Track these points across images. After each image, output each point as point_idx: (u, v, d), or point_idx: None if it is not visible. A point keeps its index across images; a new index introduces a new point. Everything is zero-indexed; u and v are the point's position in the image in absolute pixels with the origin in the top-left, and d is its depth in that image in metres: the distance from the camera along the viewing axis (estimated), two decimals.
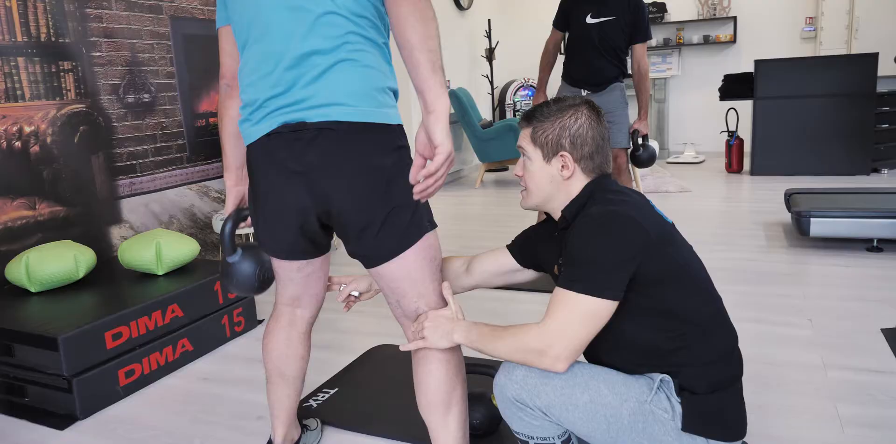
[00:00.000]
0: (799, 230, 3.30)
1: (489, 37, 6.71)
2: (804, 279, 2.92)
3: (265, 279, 1.48)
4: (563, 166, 1.23)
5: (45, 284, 2.27)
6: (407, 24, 1.10)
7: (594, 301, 1.10)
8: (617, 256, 1.11)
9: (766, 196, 4.76)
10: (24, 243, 2.44)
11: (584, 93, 3.25)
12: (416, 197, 1.14)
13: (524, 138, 1.26)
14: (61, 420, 1.94)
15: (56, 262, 2.27)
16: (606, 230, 1.13)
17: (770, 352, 2.17)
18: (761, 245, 3.49)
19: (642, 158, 3.28)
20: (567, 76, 3.33)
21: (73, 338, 1.94)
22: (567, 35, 3.33)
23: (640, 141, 3.25)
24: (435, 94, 1.10)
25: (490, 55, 6.70)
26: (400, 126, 1.26)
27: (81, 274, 2.35)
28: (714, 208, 4.50)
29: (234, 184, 1.47)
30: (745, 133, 6.15)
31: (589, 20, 3.15)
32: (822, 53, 6.23)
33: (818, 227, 3.24)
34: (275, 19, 1.18)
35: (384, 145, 1.21)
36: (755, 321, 2.44)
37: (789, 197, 3.66)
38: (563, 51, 3.58)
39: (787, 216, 4.00)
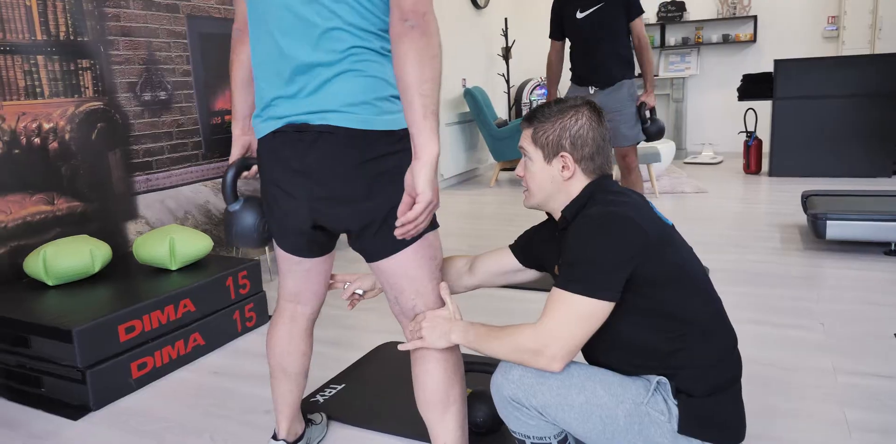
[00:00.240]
0: (815, 233, 3.27)
1: (506, 35, 6.70)
2: (818, 283, 2.89)
3: (267, 232, 1.43)
4: (563, 167, 1.24)
5: (62, 277, 2.32)
6: (405, 63, 1.09)
7: (590, 302, 1.10)
8: (615, 256, 1.11)
9: (784, 198, 4.70)
10: (43, 238, 2.49)
11: (591, 90, 3.23)
12: (397, 236, 1.17)
13: (525, 139, 1.27)
14: (75, 411, 1.99)
15: (72, 256, 2.32)
16: (605, 231, 1.13)
17: (779, 355, 2.15)
18: (776, 247, 3.45)
19: (651, 131, 3.24)
20: (574, 77, 3.33)
21: (87, 331, 1.98)
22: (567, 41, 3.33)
23: (647, 114, 3.22)
24: (425, 139, 1.11)
25: (506, 54, 6.69)
26: (404, 129, 1.27)
27: (97, 268, 2.40)
28: (730, 210, 4.46)
29: (241, 133, 1.47)
30: (764, 134, 6.08)
31: (578, 15, 3.14)
32: (845, 53, 6.14)
33: (834, 230, 3.20)
34: (282, 23, 1.19)
35: (384, 149, 1.22)
36: (766, 324, 2.42)
37: (806, 199, 3.62)
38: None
39: (803, 218, 3.96)
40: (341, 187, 1.22)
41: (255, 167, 1.44)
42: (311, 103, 1.20)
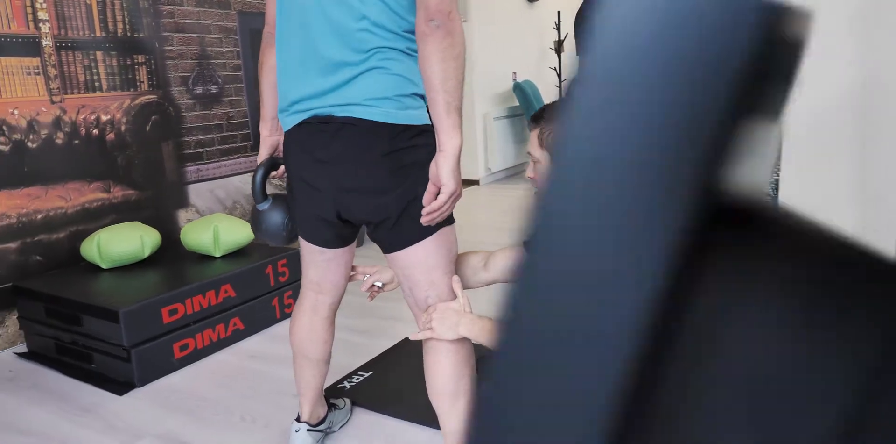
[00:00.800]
0: None
1: (558, 29, 6.62)
2: None
3: (294, 229, 1.49)
4: None
5: (115, 261, 2.47)
6: (429, 62, 1.14)
7: None
8: None
9: None
10: (99, 223, 2.65)
11: None
12: (423, 223, 1.24)
13: (532, 143, 1.28)
14: (121, 386, 2.12)
15: (124, 241, 2.46)
16: None
17: None
18: None
19: None
20: None
21: (133, 312, 2.10)
22: None
23: None
24: (447, 135, 1.16)
25: (559, 48, 6.62)
26: (427, 125, 1.29)
27: (147, 253, 2.54)
28: None
29: (269, 134, 1.52)
30: None
31: None
32: None
33: None
34: (316, 23, 1.24)
35: (404, 143, 1.25)
36: None
37: None
38: None
39: None
40: (363, 178, 1.27)
41: (282, 167, 1.50)
42: (336, 97, 1.25)
